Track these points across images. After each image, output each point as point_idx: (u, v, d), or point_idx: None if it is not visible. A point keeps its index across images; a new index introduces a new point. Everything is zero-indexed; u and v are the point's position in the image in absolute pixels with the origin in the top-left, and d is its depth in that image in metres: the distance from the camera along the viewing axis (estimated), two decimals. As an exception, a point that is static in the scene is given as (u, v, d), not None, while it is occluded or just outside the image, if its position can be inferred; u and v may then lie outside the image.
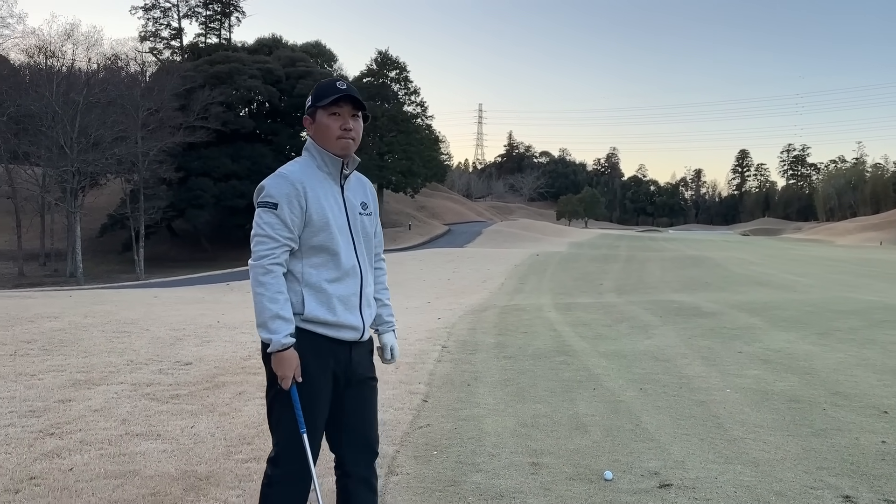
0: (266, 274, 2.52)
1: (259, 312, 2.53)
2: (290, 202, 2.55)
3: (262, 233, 2.54)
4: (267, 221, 2.54)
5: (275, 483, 2.64)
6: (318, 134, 2.68)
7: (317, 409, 2.65)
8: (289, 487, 2.63)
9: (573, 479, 3.85)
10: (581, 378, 6.45)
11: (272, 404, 2.67)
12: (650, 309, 12.23)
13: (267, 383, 2.70)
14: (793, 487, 3.68)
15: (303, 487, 2.65)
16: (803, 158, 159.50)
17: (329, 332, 2.62)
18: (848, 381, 6.15)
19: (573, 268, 29.19)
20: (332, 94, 2.64)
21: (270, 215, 2.54)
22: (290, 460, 2.61)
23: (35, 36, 53.62)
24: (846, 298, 13.89)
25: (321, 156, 2.68)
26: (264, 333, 2.52)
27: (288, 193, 2.56)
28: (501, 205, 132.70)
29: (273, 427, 2.69)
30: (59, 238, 53.09)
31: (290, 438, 2.60)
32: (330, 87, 2.67)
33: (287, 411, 2.59)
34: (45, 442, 4.43)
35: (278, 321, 2.50)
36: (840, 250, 52.63)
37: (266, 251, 2.52)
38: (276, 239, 2.53)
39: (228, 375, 6.52)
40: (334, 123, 2.65)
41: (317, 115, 2.68)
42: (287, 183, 2.57)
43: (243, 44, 75.68)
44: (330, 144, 2.66)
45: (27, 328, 9.19)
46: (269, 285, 2.51)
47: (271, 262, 2.52)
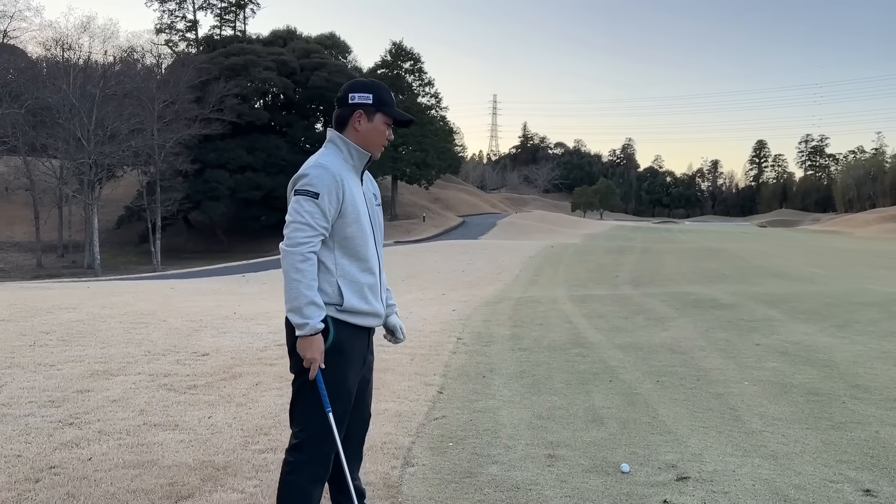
0: (304, 261, 2.60)
1: (294, 297, 2.60)
2: (330, 193, 2.64)
3: (301, 220, 2.62)
4: (308, 210, 2.62)
5: (297, 470, 2.71)
6: (367, 133, 2.79)
7: (348, 397, 2.79)
8: (312, 472, 2.72)
9: (589, 471, 3.83)
10: (597, 370, 6.42)
11: (300, 392, 2.75)
12: (666, 301, 12.16)
13: (295, 371, 2.77)
14: (812, 481, 3.64)
15: (324, 472, 2.75)
16: (822, 149, 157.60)
17: (361, 320, 2.77)
18: (868, 373, 6.08)
19: (588, 259, 29.07)
20: (398, 110, 2.82)
21: (311, 204, 2.62)
22: (314, 445, 2.70)
23: (52, 29, 54.34)
24: (865, 290, 13.73)
25: (348, 148, 2.79)
26: (297, 318, 2.61)
27: (329, 185, 2.65)
28: (516, 196, 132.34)
29: (298, 414, 2.76)
30: (77, 230, 53.68)
31: (317, 424, 2.69)
32: (390, 95, 2.85)
33: (314, 398, 2.68)
34: (65, 432, 4.47)
35: (313, 307, 2.60)
36: (859, 242, 52.07)
37: (305, 238, 2.61)
38: (314, 227, 2.62)
39: (245, 366, 6.55)
40: (386, 130, 2.82)
41: (376, 118, 2.79)
42: (329, 175, 2.66)
43: (258, 36, 75.95)
44: (373, 147, 2.81)
45: (46, 319, 9.29)
46: (306, 272, 2.60)
47: (309, 250, 2.61)
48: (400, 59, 72.45)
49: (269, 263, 34.52)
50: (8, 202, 57.71)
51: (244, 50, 64.56)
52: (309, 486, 2.72)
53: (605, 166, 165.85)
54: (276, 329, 8.88)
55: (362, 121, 2.77)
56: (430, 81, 73.78)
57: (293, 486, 2.71)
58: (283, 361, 6.78)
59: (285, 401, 5.28)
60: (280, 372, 6.31)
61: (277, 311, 11.49)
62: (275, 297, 16.88)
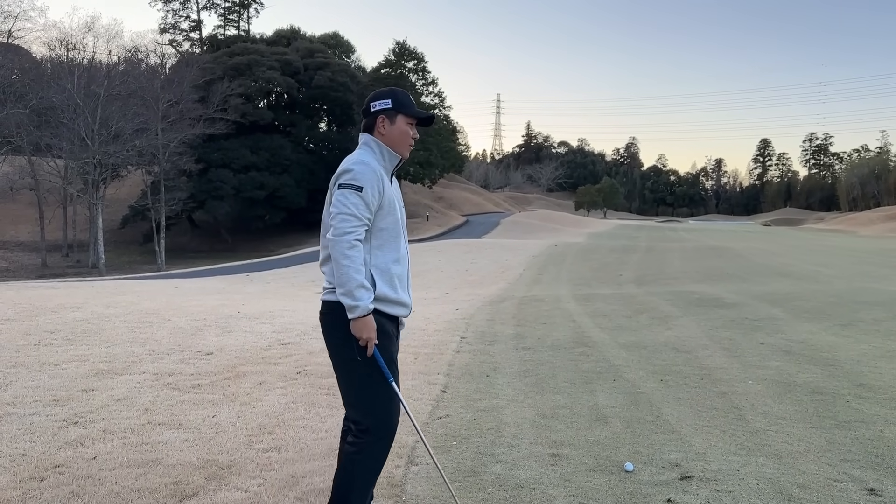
0: (352, 248, 2.80)
1: (346, 282, 2.80)
2: (372, 188, 2.86)
3: (347, 211, 2.82)
4: (353, 202, 2.83)
5: (366, 450, 2.90)
6: (392, 134, 3.02)
7: (395, 370, 2.98)
8: (380, 449, 2.93)
9: (593, 470, 3.83)
10: (601, 369, 6.41)
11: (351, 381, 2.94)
12: (670, 300, 12.14)
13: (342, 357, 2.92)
14: (816, 480, 3.64)
15: (389, 447, 2.97)
16: (826, 147, 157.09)
17: (390, 309, 2.98)
18: (872, 372, 6.06)
19: (592, 258, 29.03)
20: (416, 107, 3.05)
21: (357, 197, 2.83)
22: (381, 425, 2.91)
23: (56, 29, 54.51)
24: (870, 289, 13.69)
25: (382, 151, 3.02)
26: (349, 300, 2.80)
27: (372, 180, 2.87)
28: (519, 195, 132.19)
29: (359, 403, 2.94)
30: (82, 229, 53.75)
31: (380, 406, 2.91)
32: (409, 98, 3.09)
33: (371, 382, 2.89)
34: (69, 431, 4.48)
35: (363, 290, 2.81)
36: (863, 240, 51.91)
37: (352, 228, 2.81)
38: (359, 218, 2.83)
39: (249, 365, 6.56)
40: (410, 130, 3.05)
41: (397, 120, 3.01)
42: (371, 170, 2.88)
43: (262, 35, 75.95)
44: (400, 147, 3.04)
45: (50, 318, 9.31)
46: (354, 258, 2.80)
47: (355, 238, 2.82)
48: (403, 58, 72.33)
49: (274, 262, 34.56)
50: (13, 202, 57.88)
51: (248, 49, 64.58)
52: (377, 462, 2.94)
53: (608, 165, 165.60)
54: (280, 328, 8.89)
55: (386, 125, 3.01)
56: (433, 81, 73.64)
57: (362, 465, 2.91)
58: (287, 361, 6.79)
59: (289, 400, 5.30)
60: (284, 371, 6.32)
61: (281, 310, 11.51)
62: (279, 296, 16.90)
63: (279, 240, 58.71)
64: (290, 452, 4.11)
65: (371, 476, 2.95)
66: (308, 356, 7.01)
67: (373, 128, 3.01)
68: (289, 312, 10.99)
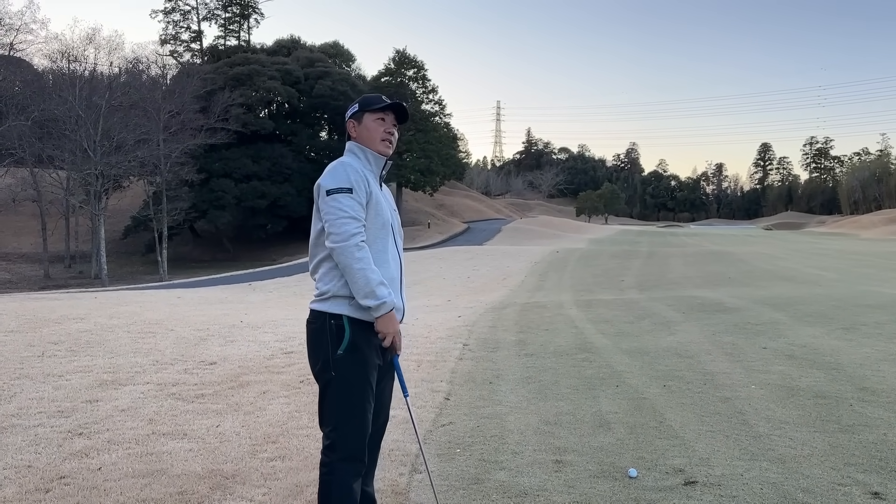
0: (361, 249, 2.75)
1: (364, 284, 2.74)
2: (359, 187, 2.83)
3: (345, 214, 2.76)
4: (348, 204, 2.77)
5: (335, 469, 2.80)
6: (362, 135, 2.98)
7: (370, 394, 2.86)
8: (348, 468, 2.80)
9: (597, 476, 3.84)
10: (604, 375, 6.42)
11: (325, 392, 2.84)
12: (672, 305, 12.14)
13: (317, 373, 2.86)
14: (820, 484, 3.64)
15: (361, 466, 2.85)
16: (826, 151, 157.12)
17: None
18: (875, 376, 6.06)
19: (594, 264, 29.03)
20: (382, 103, 2.98)
21: (349, 199, 2.78)
22: (347, 442, 2.79)
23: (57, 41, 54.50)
24: (872, 292, 13.68)
25: (365, 154, 2.98)
26: (373, 301, 2.74)
27: (357, 180, 2.83)
28: (520, 202, 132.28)
29: (327, 415, 2.84)
30: (84, 240, 53.82)
31: (346, 422, 2.80)
32: (377, 98, 3.02)
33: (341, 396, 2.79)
34: (74, 442, 4.50)
35: (382, 287, 2.77)
36: (865, 244, 51.84)
37: (355, 230, 2.76)
38: (358, 219, 2.78)
39: (252, 375, 6.58)
40: (380, 126, 2.97)
41: (364, 119, 2.99)
42: (354, 170, 2.85)
43: (262, 45, 76.19)
44: (375, 144, 2.97)
45: (54, 330, 9.33)
46: (366, 259, 2.75)
47: (361, 240, 2.76)
48: (403, 66, 72.53)
49: (276, 272, 34.59)
50: (15, 213, 58.00)
51: (248, 60, 64.80)
52: (349, 481, 2.82)
53: (609, 171, 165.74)
54: (282, 337, 8.90)
55: (355, 126, 3.01)
56: (433, 88, 73.81)
57: (333, 484, 2.81)
58: (290, 370, 6.80)
59: (293, 409, 5.31)
60: (287, 380, 6.33)
61: (284, 319, 11.52)
62: (281, 305, 16.91)
63: (281, 249, 58.77)
64: (294, 461, 4.12)
65: (347, 498, 2.80)
66: (311, 365, 7.01)
67: (350, 134, 3.02)
68: (291, 321, 11.00)
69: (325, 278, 2.85)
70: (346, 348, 2.79)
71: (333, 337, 2.79)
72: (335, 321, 2.80)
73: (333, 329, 2.80)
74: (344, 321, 2.80)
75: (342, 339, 2.79)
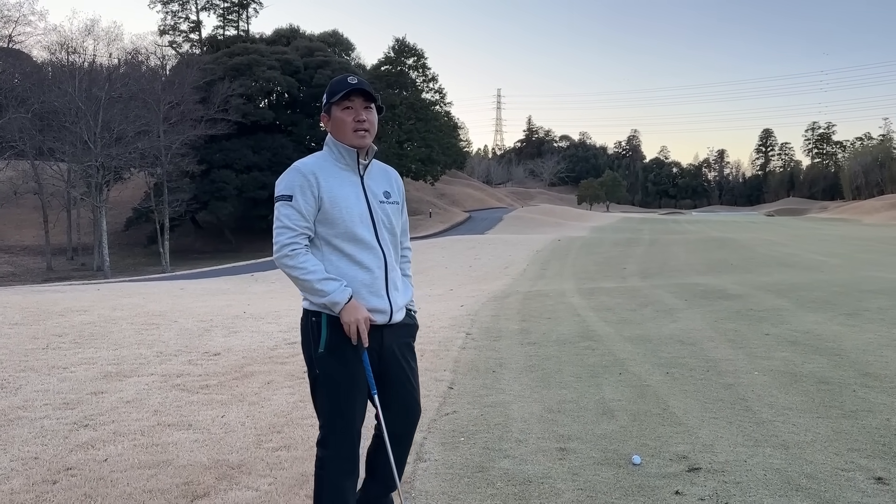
0: (292, 257, 2.70)
1: (306, 287, 2.71)
2: (303, 192, 2.73)
3: (279, 224, 2.73)
4: (284, 213, 2.73)
5: (325, 464, 2.78)
6: (334, 128, 2.85)
7: (355, 392, 2.79)
8: (338, 466, 2.78)
9: (601, 463, 3.85)
10: (607, 363, 6.43)
11: (313, 388, 2.83)
12: (675, 292, 12.14)
13: (307, 366, 2.85)
14: (824, 470, 3.65)
15: (350, 465, 2.79)
16: (828, 136, 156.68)
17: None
18: (878, 361, 6.07)
19: (596, 252, 29.04)
20: (343, 89, 2.80)
21: (286, 207, 2.73)
22: (334, 438, 2.77)
23: (56, 33, 54.66)
24: (874, 278, 13.68)
25: (338, 149, 2.86)
26: (319, 298, 2.70)
27: (301, 185, 2.73)
28: (521, 190, 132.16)
29: (317, 410, 2.84)
30: (86, 232, 53.91)
31: (331, 419, 2.77)
32: (341, 82, 2.84)
33: (325, 392, 2.76)
34: (80, 433, 4.52)
35: (325, 282, 2.69)
36: (867, 229, 51.79)
37: (286, 240, 2.71)
38: (293, 228, 2.71)
39: (256, 365, 6.60)
40: (348, 117, 2.82)
41: (332, 111, 2.84)
42: (299, 175, 2.75)
43: (261, 35, 75.98)
44: (347, 137, 2.83)
45: (58, 322, 9.36)
46: (299, 265, 2.69)
47: (292, 249, 2.70)
48: (403, 55, 72.34)
49: (277, 262, 34.58)
50: (17, 206, 58.02)
51: (248, 49, 64.62)
52: (338, 479, 2.78)
53: (610, 158, 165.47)
54: (286, 328, 8.93)
55: (327, 122, 2.88)
56: (433, 77, 73.71)
57: (323, 479, 2.80)
58: (294, 360, 6.83)
59: (297, 399, 5.33)
60: (291, 370, 6.35)
61: (287, 309, 11.55)
62: (284, 295, 16.94)
63: (283, 239, 58.73)
64: (299, 451, 4.14)
65: (338, 496, 2.76)
66: (315, 355, 7.04)
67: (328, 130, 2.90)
68: (294, 312, 11.02)
69: None
70: (326, 346, 2.74)
71: (315, 335, 2.77)
72: (315, 318, 2.77)
73: (314, 327, 2.77)
74: (322, 319, 2.75)
75: (320, 338, 2.75)
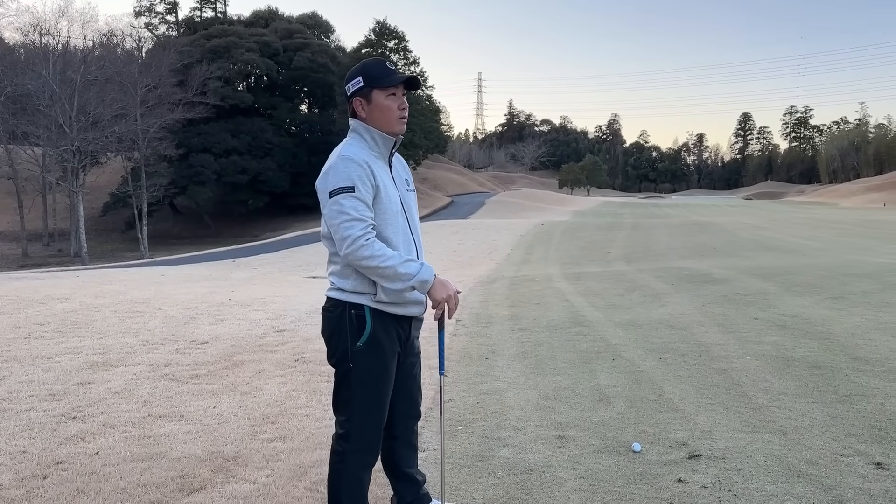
0: (368, 247, 2.56)
1: (387, 275, 2.58)
2: (363, 182, 2.61)
3: (348, 217, 2.56)
4: (350, 206, 2.57)
5: (346, 458, 2.75)
6: (374, 114, 2.71)
7: (388, 385, 2.78)
8: (360, 459, 2.75)
9: (601, 451, 3.83)
10: (599, 349, 6.42)
11: (342, 381, 2.76)
12: (661, 277, 12.18)
13: (334, 362, 2.76)
14: (823, 455, 3.66)
15: (372, 458, 2.79)
16: (806, 120, 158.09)
17: (399, 310, 2.72)
18: (867, 345, 6.11)
19: (579, 236, 29.11)
20: (392, 76, 2.69)
21: (351, 199, 2.58)
22: (360, 433, 2.73)
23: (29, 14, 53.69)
24: (857, 261, 13.82)
25: (371, 136, 2.73)
26: (404, 282, 2.60)
27: (359, 175, 2.61)
28: (503, 175, 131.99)
29: (342, 404, 2.77)
30: (62, 218, 53.09)
31: (361, 413, 2.72)
32: (383, 67, 2.73)
33: (356, 387, 2.70)
34: (69, 426, 4.41)
35: (406, 264, 2.59)
36: (844, 213, 52.42)
37: (359, 231, 2.56)
38: (363, 219, 2.58)
39: (246, 354, 6.50)
40: (394, 104, 2.71)
41: (373, 96, 2.70)
42: (356, 165, 2.61)
43: (239, 17, 74.96)
44: (388, 125, 2.72)
45: (39, 310, 9.17)
46: (377, 253, 2.56)
47: (367, 239, 2.56)
48: (384, 37, 71.61)
49: (259, 248, 34.36)
50: (-10, 191, 57.00)
51: (225, 32, 63.71)
52: (359, 472, 2.77)
53: (591, 142, 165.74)
54: (273, 315, 8.82)
55: (364, 106, 2.72)
56: (415, 60, 73.03)
57: (344, 473, 2.75)
58: (284, 348, 6.74)
59: (290, 388, 5.26)
60: (282, 359, 6.27)
61: (273, 296, 11.42)
62: (268, 281, 16.79)
63: (263, 224, 58.34)
64: (295, 442, 4.08)
65: (356, 487, 2.77)
66: (305, 343, 6.96)
67: (356, 112, 2.74)
68: (280, 298, 10.91)
69: (341, 273, 2.69)
70: (367, 341, 2.66)
71: (353, 328, 2.66)
72: (356, 311, 2.66)
73: (353, 320, 2.66)
74: (366, 312, 2.66)
75: (363, 332, 2.66)
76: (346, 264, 2.66)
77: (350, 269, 2.67)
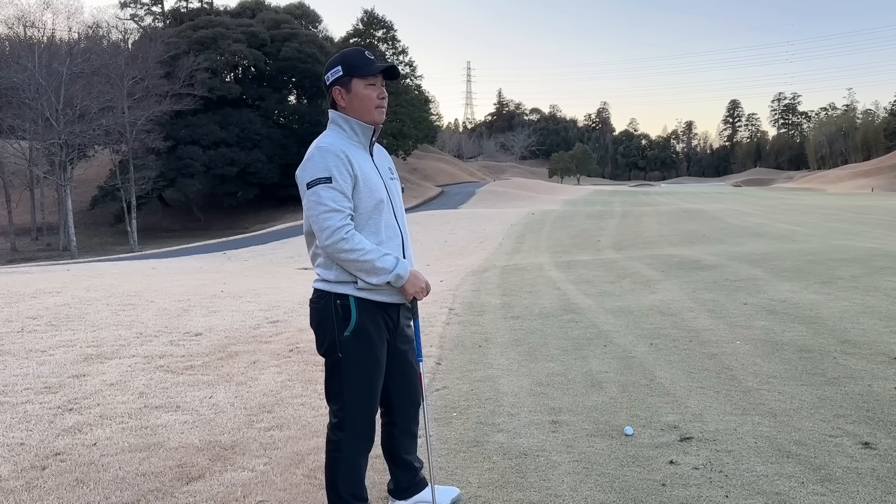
0: (348, 240, 2.60)
1: (365, 269, 2.63)
2: (340, 172, 2.62)
3: (326, 209, 2.59)
4: (328, 196, 2.59)
5: (342, 447, 2.78)
6: (354, 103, 2.73)
7: (379, 373, 2.81)
8: (356, 446, 2.79)
9: (594, 435, 3.89)
10: (590, 335, 6.48)
11: (332, 371, 2.78)
12: (651, 264, 12.26)
13: (323, 352, 2.79)
14: (812, 436, 3.73)
15: (368, 444, 2.83)
16: (794, 107, 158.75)
17: (383, 297, 2.75)
18: (855, 328, 6.20)
19: (569, 225, 29.18)
20: (371, 65, 2.71)
21: (328, 190, 2.60)
22: (354, 420, 2.77)
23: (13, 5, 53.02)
24: (845, 246, 13.94)
25: (351, 125, 2.76)
26: (382, 277, 2.66)
27: (336, 164, 2.62)
28: (493, 164, 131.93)
29: (334, 393, 2.80)
30: (50, 212, 52.75)
31: (353, 400, 2.75)
32: (362, 56, 2.75)
33: (347, 375, 2.73)
34: (65, 418, 4.44)
35: (384, 259, 2.65)
36: (833, 198, 52.74)
37: (339, 223, 2.59)
38: (341, 210, 2.61)
39: (240, 345, 6.53)
40: (373, 93, 2.73)
41: (352, 85, 2.72)
42: (332, 155, 2.63)
43: (226, 7, 74.33)
44: (367, 114, 2.74)
45: (31, 304, 9.16)
46: (356, 246, 2.60)
47: (346, 231, 2.60)
48: (372, 27, 71.31)
49: (249, 240, 34.27)
50: (-23, 186, 56.50)
51: (212, 22, 63.19)
52: (356, 458, 2.81)
53: (580, 131, 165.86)
54: (266, 307, 8.85)
55: (343, 95, 2.74)
56: (403, 50, 72.78)
57: (341, 461, 2.79)
58: (278, 339, 6.77)
59: (285, 378, 5.30)
60: (276, 349, 6.30)
61: (265, 287, 11.44)
62: (259, 273, 16.79)
63: (253, 216, 58.13)
64: (292, 430, 4.12)
65: (353, 474, 2.81)
66: (298, 333, 6.99)
67: (335, 102, 2.75)
68: (273, 290, 10.93)
69: (325, 265, 2.72)
70: (353, 330, 2.69)
71: (339, 318, 2.69)
72: (341, 301, 2.69)
73: (339, 310, 2.69)
74: (350, 302, 2.69)
75: (349, 321, 2.68)
76: (327, 255, 2.68)
77: (334, 262, 2.69)
